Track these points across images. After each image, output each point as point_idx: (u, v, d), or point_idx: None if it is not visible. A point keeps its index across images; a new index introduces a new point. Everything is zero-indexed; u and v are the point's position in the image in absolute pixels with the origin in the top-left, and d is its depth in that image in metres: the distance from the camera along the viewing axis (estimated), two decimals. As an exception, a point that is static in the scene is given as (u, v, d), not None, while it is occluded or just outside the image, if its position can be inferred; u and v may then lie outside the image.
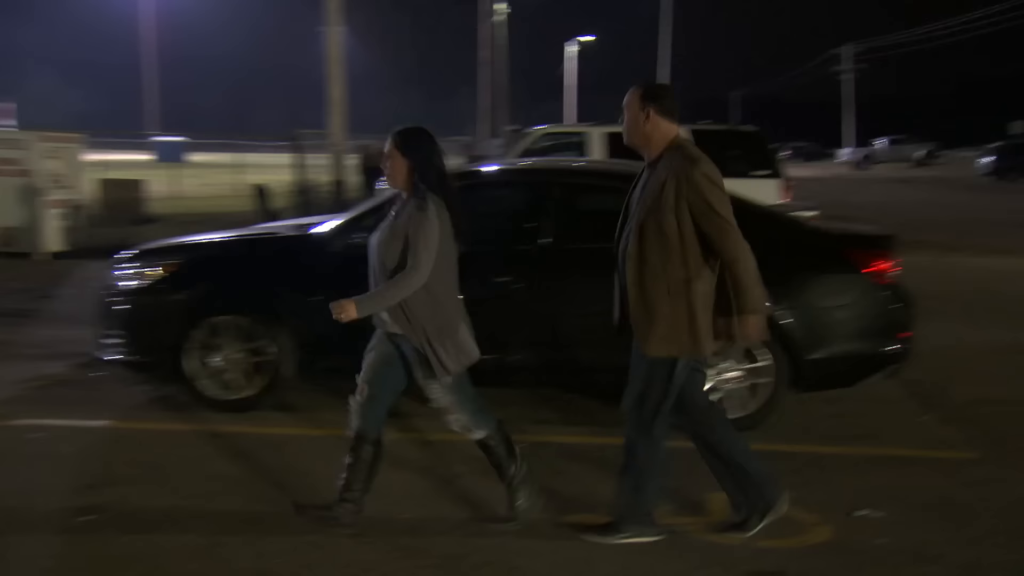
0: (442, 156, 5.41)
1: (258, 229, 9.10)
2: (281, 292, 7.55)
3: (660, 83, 5.56)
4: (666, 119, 5.16)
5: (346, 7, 21.41)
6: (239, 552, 5.16)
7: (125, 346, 7.76)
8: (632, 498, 5.32)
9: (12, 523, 5.54)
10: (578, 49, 71.18)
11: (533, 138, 16.24)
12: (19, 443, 6.95)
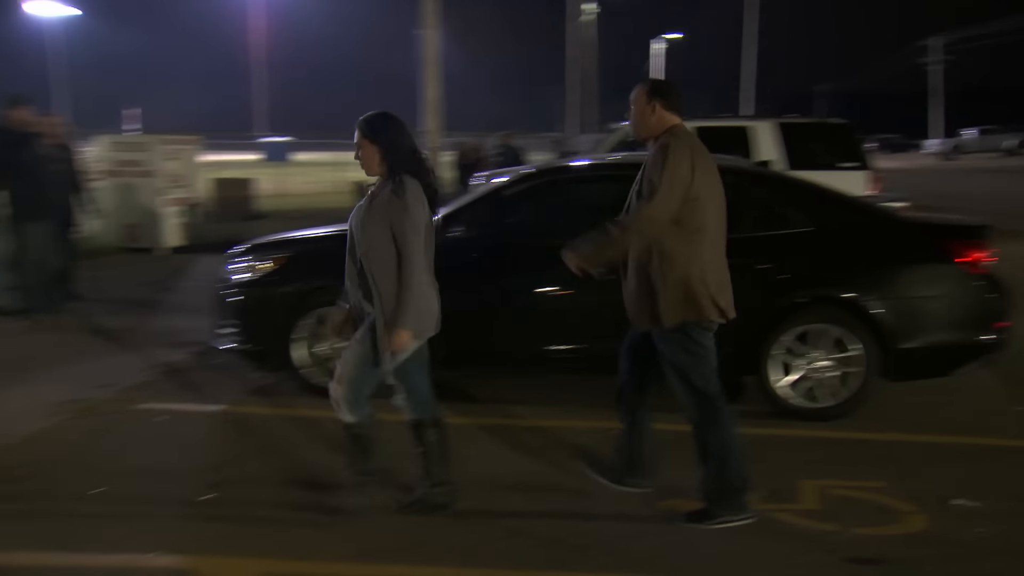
0: (410, 136, 5.27)
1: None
2: None
3: (666, 79, 5.66)
4: (670, 113, 5.33)
5: (441, 10, 21.47)
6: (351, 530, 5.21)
7: (238, 335, 7.87)
8: (718, 482, 5.27)
9: (141, 499, 5.64)
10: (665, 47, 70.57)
11: (623, 133, 16.02)
12: (146, 425, 7.09)
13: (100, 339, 9.92)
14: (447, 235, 7.30)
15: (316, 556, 4.92)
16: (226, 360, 8.25)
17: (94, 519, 5.37)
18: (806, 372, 7.07)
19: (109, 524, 5.30)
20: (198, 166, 19.18)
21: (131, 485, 5.89)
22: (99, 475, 5.96)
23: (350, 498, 5.49)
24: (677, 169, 5.13)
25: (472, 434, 6.71)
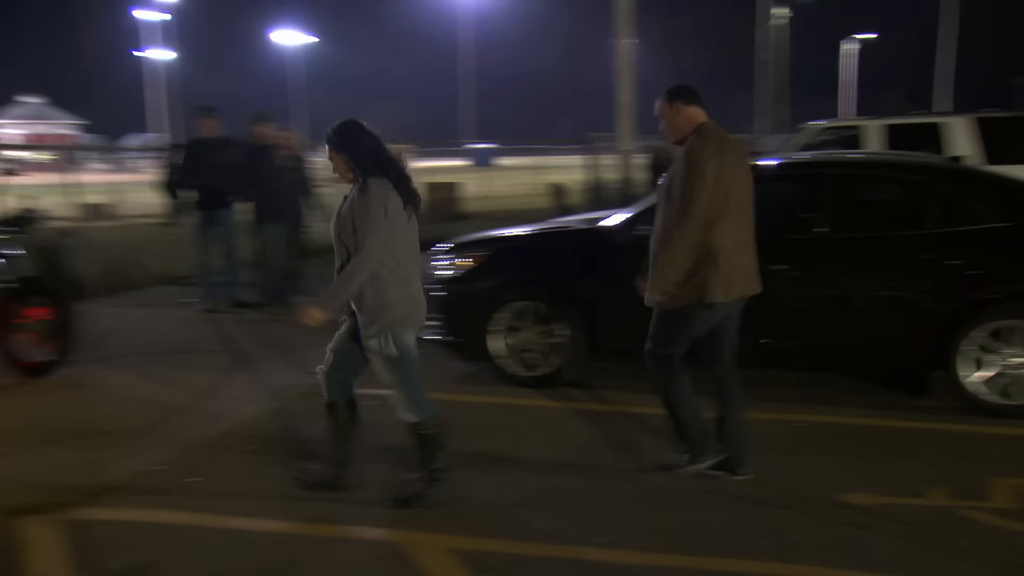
0: (376, 139, 5.14)
1: (554, 223, 9.21)
2: (574, 280, 7.59)
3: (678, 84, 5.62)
4: (693, 108, 5.48)
5: (635, 20, 21.34)
6: (545, 512, 5.21)
7: (441, 327, 7.99)
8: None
9: (366, 472, 5.72)
10: (859, 47, 68.35)
11: (813, 133, 15.51)
12: (362, 407, 7.16)
13: (323, 330, 10.10)
14: (635, 233, 7.24)
15: (506, 536, 4.93)
16: (431, 350, 8.39)
17: (312, 492, 5.55)
18: (1001, 369, 6.69)
19: (324, 496, 5.47)
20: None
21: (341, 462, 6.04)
22: (315, 453, 6.15)
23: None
24: (699, 175, 5.23)
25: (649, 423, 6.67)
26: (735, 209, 5.38)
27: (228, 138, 11.28)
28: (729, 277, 5.36)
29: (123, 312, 11.24)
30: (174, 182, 11.36)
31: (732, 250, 5.37)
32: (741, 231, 5.47)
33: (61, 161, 31.89)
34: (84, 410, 7.33)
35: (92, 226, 16.33)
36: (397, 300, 5.08)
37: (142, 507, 5.33)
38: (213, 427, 6.77)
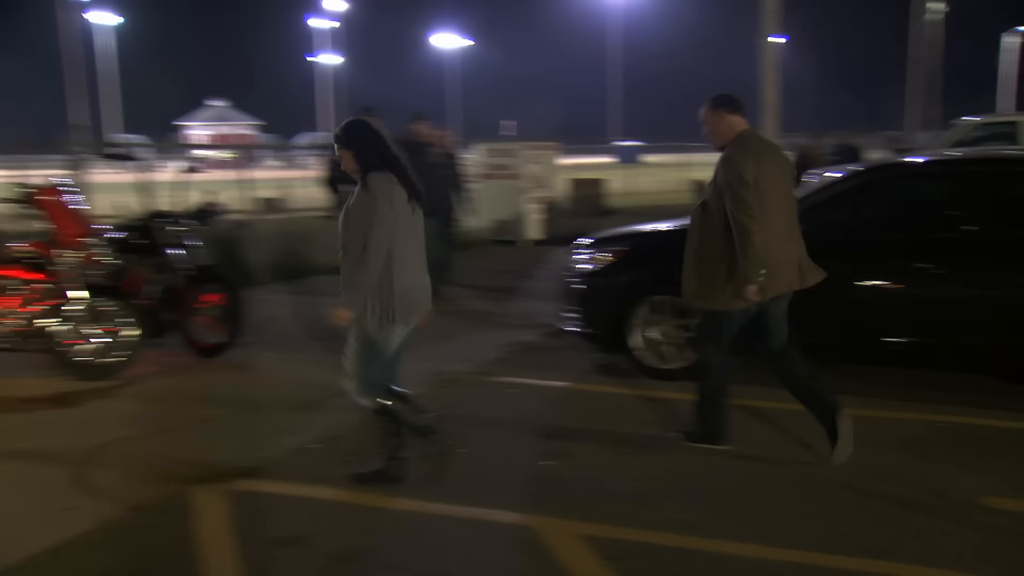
0: (381, 137, 5.23)
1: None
2: None
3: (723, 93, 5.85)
4: (735, 116, 5.76)
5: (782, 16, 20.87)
6: (675, 502, 5.16)
7: (581, 320, 7.99)
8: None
9: (493, 460, 5.83)
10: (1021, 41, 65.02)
11: (966, 129, 14.87)
12: (501, 396, 7.33)
13: (467, 319, 10.34)
14: None
15: (638, 524, 4.88)
16: (572, 341, 8.40)
17: (454, 474, 5.57)
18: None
19: (466, 478, 5.49)
20: (557, 168, 19.60)
21: (485, 447, 6.10)
22: (458, 437, 6.22)
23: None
24: (741, 179, 5.48)
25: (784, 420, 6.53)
26: (774, 210, 5.56)
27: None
28: (776, 271, 5.55)
29: (288, 299, 11.56)
30: (336, 178, 11.67)
31: (773, 254, 5.51)
32: (782, 230, 5.62)
33: (239, 159, 32.96)
34: (249, 390, 7.59)
35: (263, 219, 16.84)
36: (396, 294, 5.10)
37: (297, 482, 5.48)
38: (362, 410, 6.90)
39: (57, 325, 7.67)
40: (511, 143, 20.06)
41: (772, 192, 5.57)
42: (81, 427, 6.59)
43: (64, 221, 7.92)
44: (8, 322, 7.79)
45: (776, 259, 5.54)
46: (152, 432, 6.45)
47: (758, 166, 5.54)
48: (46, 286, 7.82)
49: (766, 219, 5.48)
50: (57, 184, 8.29)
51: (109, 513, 5.07)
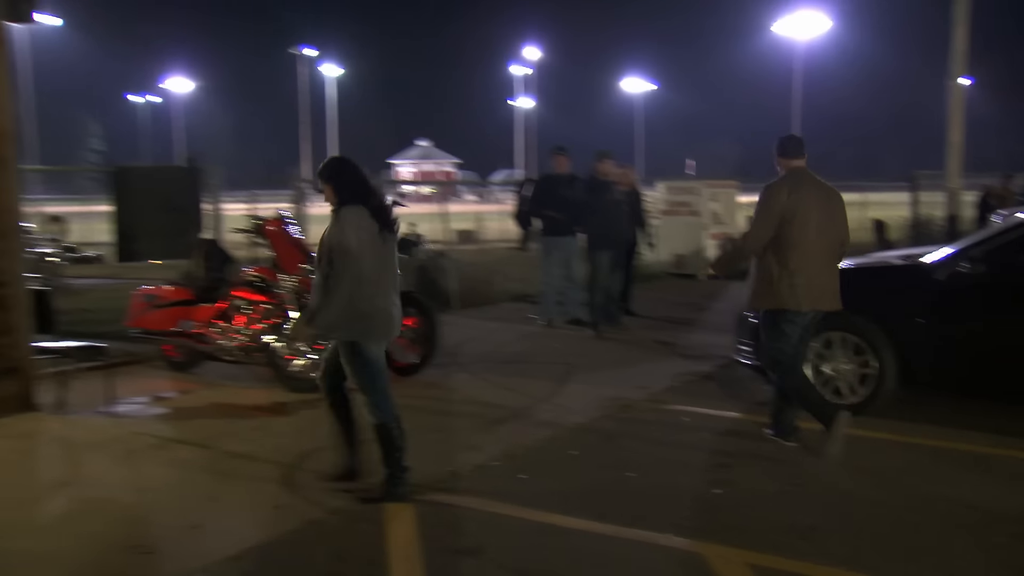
0: (358, 173, 5.41)
1: (872, 258, 8.73)
2: (889, 313, 7.13)
3: (786, 136, 6.62)
4: (787, 159, 6.44)
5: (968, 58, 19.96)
6: (835, 536, 4.96)
7: (755, 352, 7.78)
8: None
9: (664, 486, 5.72)
10: None
11: None
12: (674, 423, 7.20)
13: (644, 349, 10.25)
14: (956, 269, 6.86)
15: (802, 556, 4.70)
16: (746, 373, 8.20)
17: (623, 495, 5.55)
18: None
19: (636, 502, 5.45)
20: (737, 206, 19.27)
21: (656, 472, 6.01)
22: (631, 461, 6.17)
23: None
24: (767, 206, 6.23)
25: (956, 458, 6.18)
26: (807, 234, 6.17)
27: (575, 174, 11.57)
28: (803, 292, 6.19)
29: (477, 324, 11.72)
30: (526, 212, 11.83)
31: (807, 272, 6.16)
32: (814, 252, 6.21)
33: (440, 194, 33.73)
34: (440, 407, 7.73)
35: (459, 249, 17.20)
36: (364, 313, 5.22)
37: (478, 496, 5.52)
38: (543, 431, 6.92)
39: (277, 342, 8.02)
40: (692, 181, 19.84)
41: (806, 220, 6.18)
42: (292, 434, 6.85)
43: (286, 249, 8.29)
44: (237, 338, 8.20)
45: (807, 280, 6.18)
46: (352, 442, 6.64)
47: (789, 196, 6.20)
48: (269, 307, 8.19)
49: (798, 242, 6.15)
50: (281, 216, 8.70)
51: (312, 514, 5.24)
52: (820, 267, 6.25)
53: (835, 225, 6.39)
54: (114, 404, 7.37)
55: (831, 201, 6.43)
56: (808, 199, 6.23)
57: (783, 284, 6.18)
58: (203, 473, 5.97)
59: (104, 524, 5.15)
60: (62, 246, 17.71)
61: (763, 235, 6.22)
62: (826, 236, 6.28)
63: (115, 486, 5.73)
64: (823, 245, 6.26)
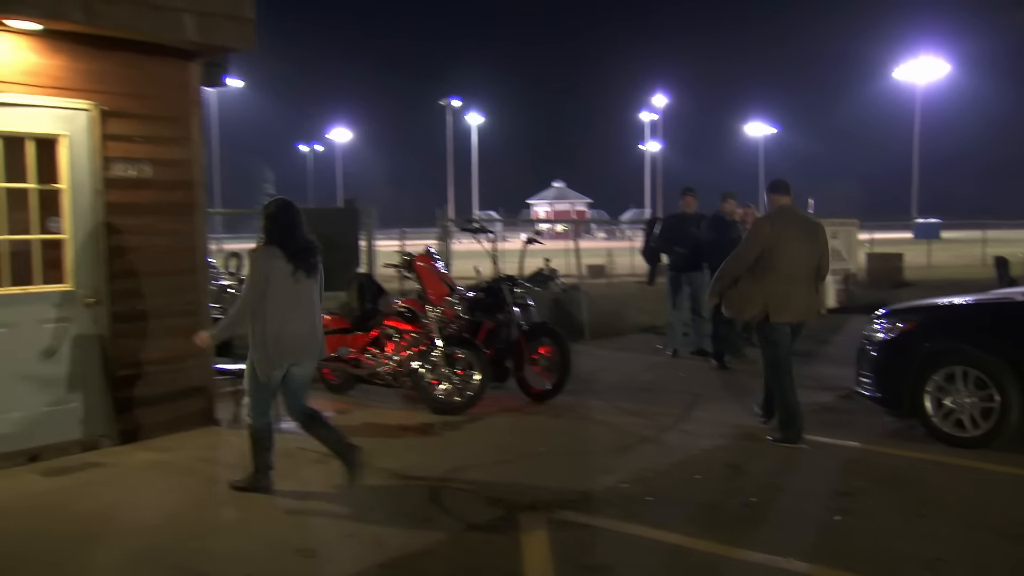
0: (289, 218, 5.74)
1: (995, 294, 8.34)
2: (1012, 348, 6.80)
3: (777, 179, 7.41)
4: (776, 196, 7.28)
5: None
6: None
7: (876, 384, 7.53)
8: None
9: (785, 511, 5.58)
10: None
11: None
12: (795, 452, 6.97)
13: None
14: None
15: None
16: (866, 405, 7.93)
17: (746, 520, 5.43)
18: None
19: (759, 526, 5.32)
20: (857, 243, 18.71)
21: (779, 498, 5.86)
22: (754, 487, 6.03)
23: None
24: (752, 236, 7.17)
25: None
26: (786, 261, 6.97)
27: (701, 213, 11.47)
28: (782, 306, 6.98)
29: (607, 353, 11.66)
30: (654, 248, 11.77)
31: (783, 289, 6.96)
32: (792, 276, 7.01)
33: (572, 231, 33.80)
34: (572, 431, 7.71)
35: (591, 283, 17.16)
36: (267, 340, 5.62)
37: (607, 516, 5.46)
38: (670, 456, 6.82)
39: (423, 368, 8.17)
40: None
41: (787, 249, 6.99)
42: (437, 453, 6.94)
43: (432, 282, 8.45)
44: (388, 363, 8.38)
45: (784, 296, 6.98)
46: (491, 462, 6.68)
47: (772, 228, 7.03)
48: (416, 335, 8.35)
49: (776, 266, 6.95)
50: (429, 252, 8.89)
51: (453, 527, 5.29)
52: (793, 288, 7.02)
53: (813, 254, 7.13)
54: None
55: (812, 234, 7.17)
56: (788, 231, 7.03)
57: (757, 300, 7.01)
58: (357, 486, 6.11)
59: (273, 528, 5.32)
60: (238, 279, 18.51)
61: (746, 259, 7.10)
62: (802, 263, 7.07)
63: (282, 494, 5.91)
64: (799, 270, 7.05)
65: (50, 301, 6.61)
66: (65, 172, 6.59)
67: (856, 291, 17.55)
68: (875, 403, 7.62)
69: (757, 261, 7.03)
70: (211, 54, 7.39)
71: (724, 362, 10.78)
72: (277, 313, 5.64)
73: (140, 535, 5.21)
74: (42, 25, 6.23)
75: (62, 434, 6.69)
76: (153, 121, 7.06)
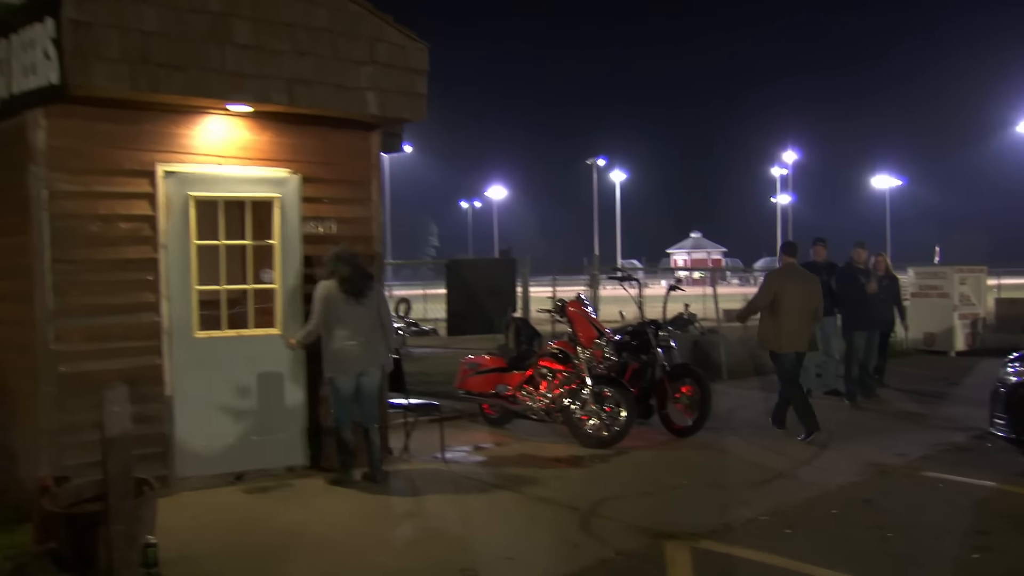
0: (345, 263, 6.59)
1: None
2: None
3: (786, 241, 9.44)
4: (784, 256, 8.81)
5: None
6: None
7: (1010, 425, 7.04)
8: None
9: (920, 548, 5.25)
10: None
11: None
12: (930, 489, 6.62)
13: (899, 419, 9.50)
14: None
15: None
16: (1000, 445, 7.40)
17: (883, 554, 5.12)
18: None
19: (896, 561, 5.02)
20: (985, 288, 17.65)
21: (914, 534, 5.52)
22: (889, 523, 5.69)
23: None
24: (764, 287, 8.56)
25: None
26: (789, 307, 8.32)
27: (831, 262, 11.10)
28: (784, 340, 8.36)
29: (744, 393, 11.31)
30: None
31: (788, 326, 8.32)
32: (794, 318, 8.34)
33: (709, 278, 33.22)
34: (713, 465, 7.51)
35: (727, 326, 16.72)
36: (330, 354, 6.58)
37: (747, 547, 5.28)
38: (805, 491, 6.54)
39: (574, 405, 8.14)
40: (942, 266, 18.44)
41: (790, 299, 8.33)
42: (586, 484, 6.88)
43: (583, 326, 8.44)
44: (542, 400, 8.40)
45: (788, 333, 8.32)
46: (637, 493, 6.57)
47: (779, 283, 8.44)
48: (568, 375, 8.34)
49: (782, 310, 8.31)
50: (580, 298, 8.90)
51: (602, 553, 5.21)
52: (797, 324, 8.35)
53: (810, 299, 8.44)
54: (445, 451, 7.72)
55: (809, 284, 8.52)
56: (791, 283, 8.43)
57: (771, 333, 8.42)
58: (514, 512, 6.11)
59: (440, 549, 5.36)
60: (407, 322, 18.99)
61: (761, 302, 8.49)
62: (802, 306, 8.37)
63: (447, 519, 5.98)
64: (800, 311, 8.35)
65: (263, 343, 6.88)
66: (277, 230, 6.93)
67: (985, 334, 16.52)
68: (1009, 443, 7.12)
69: (771, 304, 8.34)
70: (389, 125, 7.67)
71: (856, 401, 10.29)
72: (334, 331, 6.58)
73: (326, 550, 5.36)
74: (253, 107, 6.63)
75: (267, 460, 6.94)
76: (339, 184, 7.36)
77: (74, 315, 6.08)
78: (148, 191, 6.41)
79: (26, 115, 5.96)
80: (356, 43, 6.79)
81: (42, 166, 5.95)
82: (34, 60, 5.79)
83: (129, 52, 5.73)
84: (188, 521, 5.77)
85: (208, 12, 6.06)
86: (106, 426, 4.49)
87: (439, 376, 11.38)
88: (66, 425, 5.96)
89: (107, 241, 6.25)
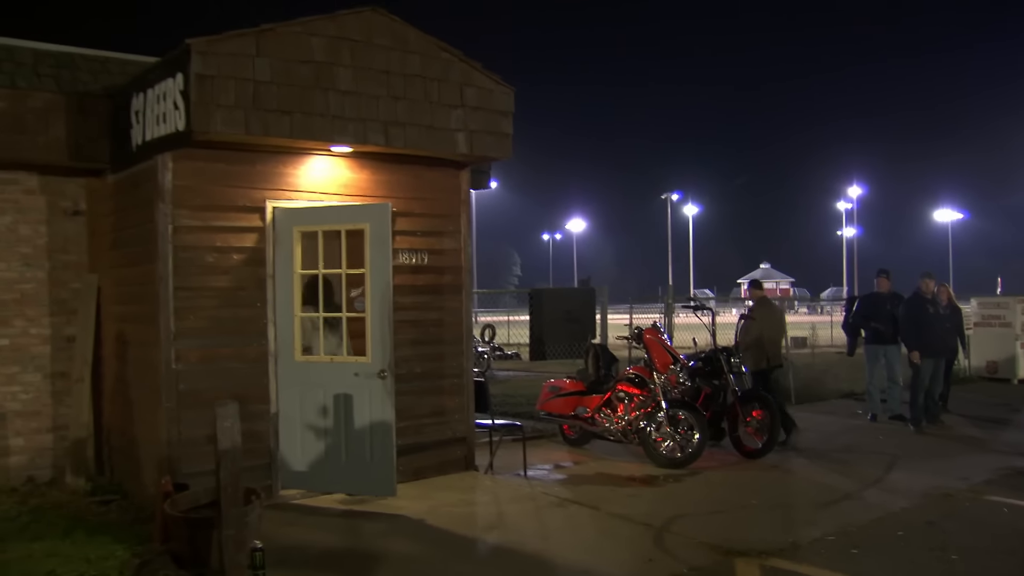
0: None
1: None
2: None
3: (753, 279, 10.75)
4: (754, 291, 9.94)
5: None
6: None
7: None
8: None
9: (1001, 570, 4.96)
10: None
11: None
12: (993, 513, 6.28)
13: (962, 444, 9.05)
14: None
15: None
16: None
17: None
18: None
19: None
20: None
21: (980, 557, 5.21)
22: (953, 545, 5.37)
23: None
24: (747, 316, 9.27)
25: None
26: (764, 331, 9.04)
27: (896, 293, 10.70)
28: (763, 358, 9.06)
29: (811, 416, 10.88)
30: (853, 324, 11.09)
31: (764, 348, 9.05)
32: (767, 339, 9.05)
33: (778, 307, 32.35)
34: (781, 486, 7.25)
35: (795, 353, 16.28)
36: None
37: (815, 565, 5.06)
38: (871, 512, 6.25)
39: (649, 427, 7.99)
40: (1004, 296, 17.64)
41: (765, 324, 9.06)
42: (660, 502, 6.70)
43: (659, 352, 8.30)
44: (619, 422, 8.26)
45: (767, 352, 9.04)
46: (708, 511, 6.38)
47: (760, 314, 9.17)
48: (643, 399, 8.19)
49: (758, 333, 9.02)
50: (656, 325, 8.78)
51: (674, 568, 5.06)
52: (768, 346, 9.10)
53: (780, 325, 9.55)
54: (527, 469, 7.65)
55: (776, 312, 9.66)
56: (767, 312, 9.36)
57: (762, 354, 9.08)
58: (591, 528, 5.99)
59: (520, 563, 5.27)
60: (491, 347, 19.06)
61: (754, 333, 9.10)
62: (775, 331, 9.28)
63: (528, 532, 5.88)
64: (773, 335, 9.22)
65: (355, 369, 6.67)
66: (368, 259, 6.85)
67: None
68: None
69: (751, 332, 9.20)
70: (477, 163, 7.71)
71: (921, 427, 9.84)
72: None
73: (411, 561, 5.34)
74: (352, 148, 6.75)
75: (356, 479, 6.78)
76: (431, 218, 7.42)
77: (192, 337, 6.26)
78: (259, 225, 6.58)
79: (157, 159, 6.22)
80: (447, 88, 6.86)
81: (168, 203, 6.18)
82: (165, 110, 6.04)
83: (243, 100, 5.90)
84: (289, 529, 5.83)
85: (313, 62, 6.21)
86: (219, 439, 4.59)
87: (521, 398, 11.34)
88: (184, 437, 6.13)
89: (222, 270, 6.43)
